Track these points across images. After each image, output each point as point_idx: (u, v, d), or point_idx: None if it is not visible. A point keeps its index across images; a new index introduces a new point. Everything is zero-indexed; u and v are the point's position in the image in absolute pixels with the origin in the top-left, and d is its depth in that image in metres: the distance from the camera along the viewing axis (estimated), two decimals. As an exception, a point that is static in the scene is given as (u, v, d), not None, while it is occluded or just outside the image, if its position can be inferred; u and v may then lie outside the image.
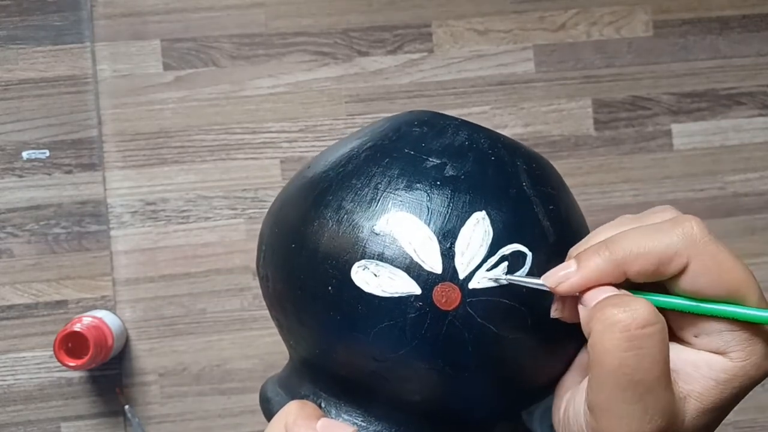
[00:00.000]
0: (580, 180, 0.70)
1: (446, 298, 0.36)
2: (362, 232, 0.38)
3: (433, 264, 0.36)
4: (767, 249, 0.71)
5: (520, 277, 0.36)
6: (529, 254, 0.37)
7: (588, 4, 0.71)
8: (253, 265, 0.67)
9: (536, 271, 0.38)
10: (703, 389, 0.30)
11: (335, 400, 0.40)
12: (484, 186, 0.39)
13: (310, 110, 0.69)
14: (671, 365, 0.30)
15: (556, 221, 0.40)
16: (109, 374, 0.66)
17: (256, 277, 0.70)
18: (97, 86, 0.67)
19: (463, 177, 0.39)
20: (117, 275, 0.67)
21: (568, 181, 0.58)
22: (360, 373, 0.38)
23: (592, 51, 0.71)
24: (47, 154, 0.67)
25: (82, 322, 0.60)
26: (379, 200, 0.38)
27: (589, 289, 0.32)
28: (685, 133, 0.71)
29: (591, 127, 0.70)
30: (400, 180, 0.39)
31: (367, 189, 0.39)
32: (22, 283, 0.66)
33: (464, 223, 0.37)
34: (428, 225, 0.37)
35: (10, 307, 0.66)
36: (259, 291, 0.69)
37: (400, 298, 0.36)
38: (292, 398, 0.41)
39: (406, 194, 0.38)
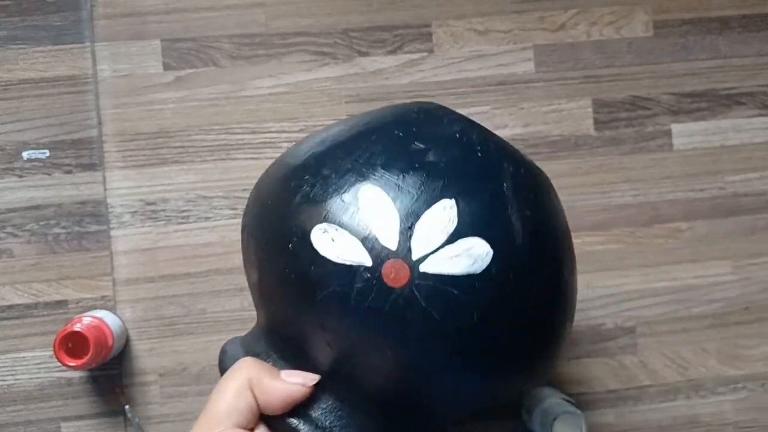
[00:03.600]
0: (580, 180, 0.70)
1: (395, 274, 0.36)
2: (331, 197, 0.38)
3: (389, 240, 0.36)
4: (767, 249, 0.71)
5: None
6: (491, 251, 0.37)
7: (588, 4, 0.71)
8: (253, 265, 0.67)
9: (494, 270, 0.37)
10: None
11: (283, 362, 0.40)
12: (462, 177, 0.38)
13: (310, 110, 0.69)
14: None
15: (528, 226, 0.39)
16: (109, 374, 0.66)
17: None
18: (97, 86, 0.67)
19: (442, 165, 0.38)
20: (117, 275, 0.67)
21: (568, 181, 0.59)
22: (307, 339, 0.38)
23: (592, 51, 0.71)
24: (47, 154, 0.67)
25: (82, 322, 0.60)
26: (354, 171, 0.38)
27: None
28: (685, 133, 0.71)
29: (591, 127, 0.70)
30: (380, 156, 0.39)
31: (347, 159, 0.39)
32: (22, 283, 0.66)
33: (431, 206, 0.37)
34: (394, 202, 0.37)
35: (10, 307, 0.66)
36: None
37: (350, 266, 0.36)
38: (245, 354, 0.41)
39: (382, 170, 0.38)
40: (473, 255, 0.37)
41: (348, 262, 0.36)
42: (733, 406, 0.70)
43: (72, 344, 0.59)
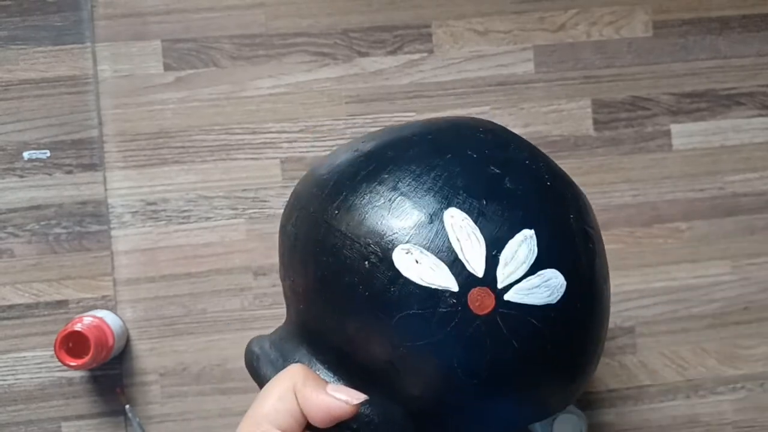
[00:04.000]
0: (580, 180, 0.70)
1: (481, 302, 0.36)
2: (414, 217, 0.37)
3: (476, 266, 0.36)
4: (767, 249, 0.71)
5: None
6: (565, 283, 0.37)
7: (588, 4, 0.71)
8: (254, 264, 0.67)
9: (566, 301, 0.37)
10: None
11: (330, 374, 0.39)
12: (537, 207, 0.39)
13: (311, 110, 0.69)
14: None
15: (591, 258, 0.40)
16: (110, 374, 0.66)
17: (257, 277, 0.70)
18: (98, 86, 0.68)
19: (519, 193, 0.38)
20: (118, 275, 0.67)
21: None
22: (368, 355, 0.38)
23: (592, 51, 0.71)
24: (48, 154, 0.67)
25: (83, 322, 0.60)
26: (436, 191, 0.38)
27: None
28: (685, 134, 0.71)
29: (591, 127, 0.71)
30: (459, 178, 0.38)
31: (426, 177, 0.38)
32: (22, 283, 0.66)
33: (513, 236, 0.37)
34: (479, 227, 0.37)
35: (10, 307, 0.66)
36: (260, 291, 0.69)
37: (435, 290, 0.36)
38: (285, 361, 0.41)
39: (464, 193, 0.38)
40: (551, 286, 0.37)
41: (433, 286, 0.36)
42: (732, 406, 0.70)
43: (72, 344, 0.59)
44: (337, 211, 0.39)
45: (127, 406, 0.66)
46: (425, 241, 0.37)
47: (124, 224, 0.67)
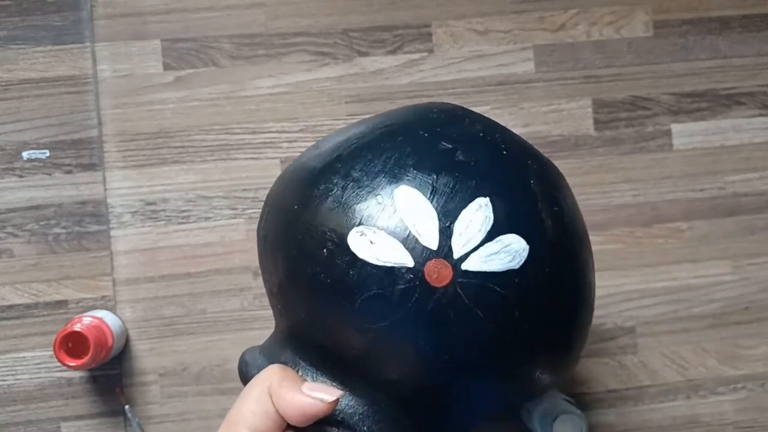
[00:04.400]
0: (580, 180, 0.70)
1: (438, 274, 0.36)
2: (366, 199, 0.37)
3: (430, 239, 0.36)
4: (767, 249, 0.71)
5: None
6: (527, 247, 0.37)
7: (588, 4, 0.71)
8: (254, 264, 0.67)
9: (531, 265, 0.37)
10: None
11: (313, 370, 0.40)
12: (492, 175, 0.39)
13: (310, 110, 0.69)
14: None
15: (558, 221, 0.40)
16: (109, 374, 0.66)
17: (257, 277, 0.70)
18: (98, 86, 0.67)
19: (472, 164, 0.39)
20: (117, 275, 0.67)
21: (568, 181, 0.58)
22: (342, 344, 0.38)
23: (592, 51, 0.71)
24: (47, 154, 0.67)
25: (83, 322, 0.60)
26: (386, 172, 0.38)
27: None
28: (685, 133, 0.71)
29: (591, 127, 0.70)
30: (410, 157, 0.38)
31: (377, 161, 0.39)
32: (22, 283, 0.66)
33: (467, 205, 0.37)
34: (431, 202, 0.37)
35: (10, 307, 0.66)
36: (260, 291, 0.69)
37: (392, 267, 0.36)
38: (270, 362, 0.41)
39: (415, 171, 0.38)
40: (511, 251, 0.37)
41: (389, 264, 0.36)
42: (733, 406, 0.70)
43: (72, 344, 0.59)
44: (296, 206, 0.40)
45: (127, 407, 0.66)
46: (378, 222, 0.37)
47: (124, 224, 0.67)
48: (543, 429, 0.60)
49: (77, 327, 0.59)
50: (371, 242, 0.37)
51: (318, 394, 0.36)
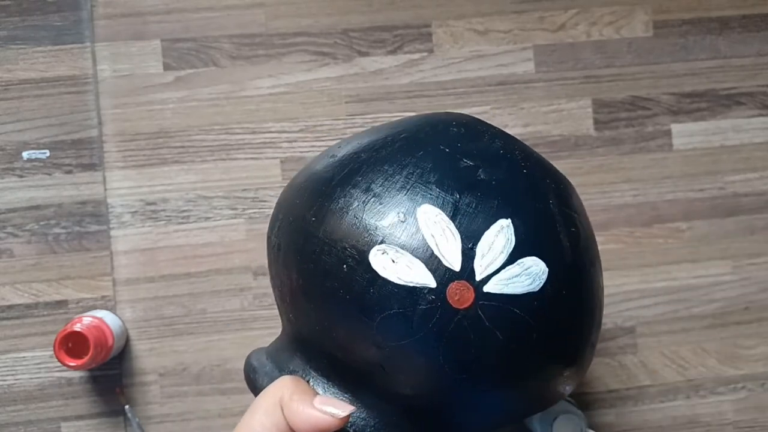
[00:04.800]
0: (580, 180, 0.70)
1: (460, 296, 0.36)
2: (388, 216, 0.37)
3: (453, 261, 0.36)
4: (767, 249, 0.71)
5: None
6: (546, 269, 0.37)
7: (588, 4, 0.71)
8: (254, 264, 0.67)
9: (549, 288, 0.37)
10: None
11: (324, 380, 0.39)
12: (513, 196, 0.38)
13: (310, 110, 0.69)
14: None
15: (575, 243, 0.40)
16: (109, 374, 0.66)
17: (257, 277, 0.70)
18: (98, 86, 0.67)
19: (494, 183, 0.38)
20: (117, 275, 0.67)
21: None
22: (357, 358, 0.38)
23: (592, 51, 0.71)
24: (47, 154, 0.67)
25: (83, 322, 0.60)
26: (409, 189, 0.38)
27: None
28: (685, 133, 0.71)
29: (591, 127, 0.70)
30: (432, 174, 0.38)
31: (398, 176, 0.38)
32: (22, 283, 0.66)
33: (489, 227, 0.37)
34: (454, 222, 0.37)
35: (10, 307, 0.66)
36: (260, 291, 0.69)
37: (414, 288, 0.36)
38: (280, 372, 0.41)
39: (438, 189, 0.38)
40: (531, 274, 0.37)
41: (411, 284, 0.36)
42: (733, 406, 0.70)
43: (72, 344, 0.59)
44: (314, 218, 0.39)
45: (127, 407, 0.66)
46: (400, 240, 0.37)
47: (124, 224, 0.67)
48: (543, 429, 0.60)
49: (77, 327, 0.59)
50: (393, 261, 0.36)
51: (330, 409, 0.36)
